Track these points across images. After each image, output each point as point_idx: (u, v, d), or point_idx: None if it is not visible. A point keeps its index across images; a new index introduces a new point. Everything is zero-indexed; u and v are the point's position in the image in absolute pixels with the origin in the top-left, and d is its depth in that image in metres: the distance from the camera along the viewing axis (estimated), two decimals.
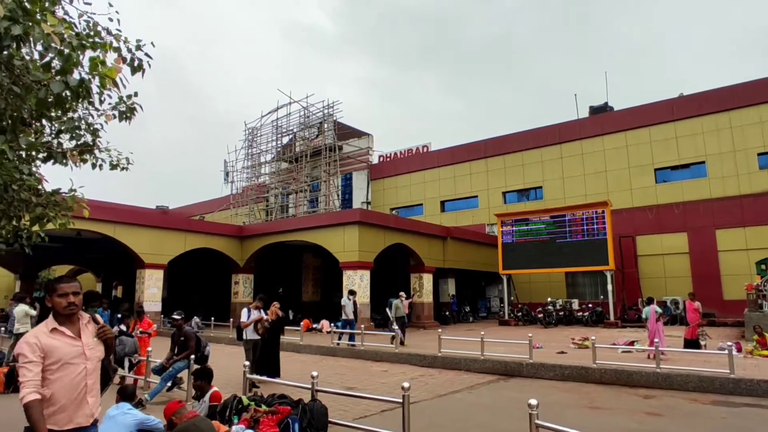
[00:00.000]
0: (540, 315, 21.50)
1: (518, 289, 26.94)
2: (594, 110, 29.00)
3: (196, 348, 7.81)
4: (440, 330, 13.80)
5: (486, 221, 29.49)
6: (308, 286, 26.80)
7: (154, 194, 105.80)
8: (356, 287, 18.60)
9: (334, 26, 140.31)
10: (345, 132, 33.88)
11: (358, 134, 34.92)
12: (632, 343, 12.56)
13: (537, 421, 3.84)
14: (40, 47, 3.52)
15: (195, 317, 19.27)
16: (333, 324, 17.41)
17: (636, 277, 24.30)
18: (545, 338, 15.27)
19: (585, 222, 21.75)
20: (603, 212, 21.32)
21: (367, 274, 19.36)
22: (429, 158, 33.10)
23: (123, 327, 8.99)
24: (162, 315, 20.03)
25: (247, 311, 9.19)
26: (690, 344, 11.93)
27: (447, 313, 23.79)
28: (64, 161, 4.63)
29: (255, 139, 35.94)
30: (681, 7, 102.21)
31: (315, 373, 5.72)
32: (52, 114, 4.26)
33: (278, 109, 34.61)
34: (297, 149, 34.15)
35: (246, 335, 8.99)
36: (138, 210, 26.81)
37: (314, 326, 19.69)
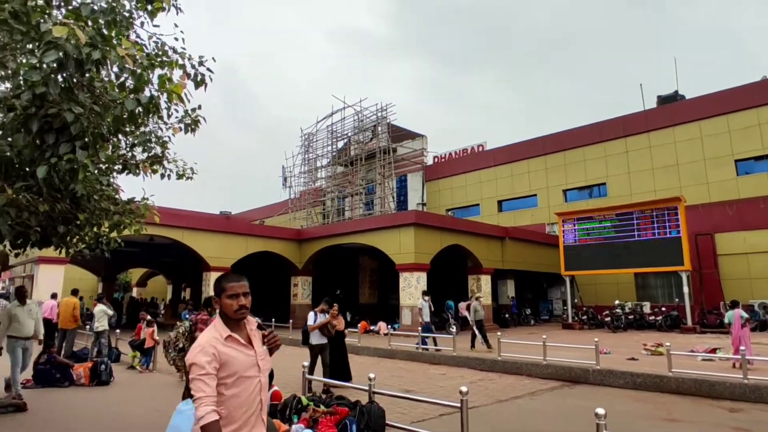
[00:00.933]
0: (607, 318, 20.38)
1: (582, 291, 25.71)
2: (663, 100, 27.11)
3: None
4: (500, 333, 13.49)
5: (546, 220, 28.42)
6: (365, 288, 27.10)
7: (217, 200, 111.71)
8: (413, 289, 18.57)
9: (385, 29, 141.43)
10: (399, 134, 33.99)
11: (412, 136, 34.89)
12: (714, 351, 11.45)
13: None
14: (116, 69, 3.81)
15: (256, 318, 20.01)
16: (390, 326, 17.50)
17: (716, 279, 22.39)
18: (613, 343, 14.42)
19: (655, 219, 20.38)
20: (676, 208, 19.86)
21: (424, 276, 19.26)
22: (485, 157, 32.42)
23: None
24: None
25: (314, 315, 8.99)
26: None
27: (507, 316, 23.15)
28: (137, 172, 5.01)
29: (311, 145, 36.92)
30: None
31: (372, 375, 5.74)
32: (127, 129, 4.62)
33: (333, 114, 35.42)
34: (352, 153, 34.69)
35: (312, 339, 8.81)
36: (204, 216, 28.31)
37: (371, 328, 19.92)
